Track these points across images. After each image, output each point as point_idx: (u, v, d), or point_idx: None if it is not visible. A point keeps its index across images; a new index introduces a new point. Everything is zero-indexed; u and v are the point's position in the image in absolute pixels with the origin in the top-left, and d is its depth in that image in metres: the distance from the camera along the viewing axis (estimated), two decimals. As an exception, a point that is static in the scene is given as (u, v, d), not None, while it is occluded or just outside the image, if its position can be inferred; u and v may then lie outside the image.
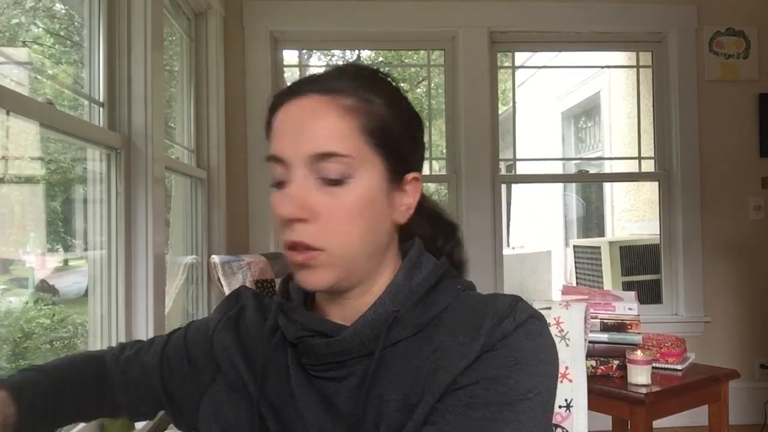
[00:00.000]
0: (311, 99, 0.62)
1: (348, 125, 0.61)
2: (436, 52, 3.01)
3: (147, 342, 0.82)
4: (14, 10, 1.54)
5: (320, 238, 0.61)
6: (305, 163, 0.61)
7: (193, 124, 2.44)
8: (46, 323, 1.62)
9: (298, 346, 0.66)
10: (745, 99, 2.89)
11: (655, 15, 2.86)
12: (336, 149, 0.60)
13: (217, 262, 2.10)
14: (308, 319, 0.66)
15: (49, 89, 1.56)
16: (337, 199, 0.61)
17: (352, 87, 0.63)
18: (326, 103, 0.62)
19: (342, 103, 0.62)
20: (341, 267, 0.62)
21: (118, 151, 1.62)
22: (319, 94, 0.62)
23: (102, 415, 0.80)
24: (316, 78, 0.64)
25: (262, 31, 2.71)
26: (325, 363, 0.64)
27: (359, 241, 0.62)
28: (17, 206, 1.57)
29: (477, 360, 0.57)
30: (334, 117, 0.61)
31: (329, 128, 0.61)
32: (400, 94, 0.68)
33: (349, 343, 0.63)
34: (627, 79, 4.17)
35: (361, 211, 0.61)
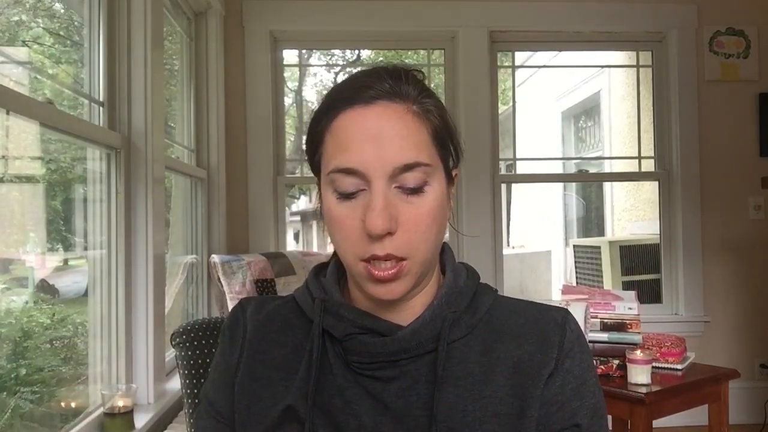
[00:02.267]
0: (382, 107, 0.60)
1: (421, 132, 0.61)
2: (436, 51, 3.01)
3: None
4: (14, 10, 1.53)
5: (405, 248, 0.60)
6: (389, 174, 0.59)
7: (193, 124, 2.44)
8: (46, 323, 1.62)
9: (344, 343, 0.64)
10: (745, 99, 2.89)
11: (655, 15, 2.86)
12: (421, 159, 0.59)
13: (217, 261, 2.10)
14: (359, 316, 0.65)
15: (48, 89, 1.56)
16: (417, 207, 0.60)
17: (416, 92, 0.62)
18: (400, 111, 0.60)
19: (413, 110, 0.61)
20: (418, 274, 0.62)
21: (118, 150, 1.62)
22: (389, 100, 0.60)
23: None
24: (381, 81, 0.61)
25: (262, 30, 2.71)
26: (376, 362, 0.63)
27: (434, 246, 0.63)
28: (17, 206, 1.57)
29: (556, 371, 0.63)
30: (411, 125, 0.60)
31: (411, 138, 0.60)
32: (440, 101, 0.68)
33: (407, 343, 0.63)
34: (627, 78, 4.17)
35: (436, 217, 0.61)
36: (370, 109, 0.60)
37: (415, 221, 0.60)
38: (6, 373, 1.40)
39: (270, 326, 0.71)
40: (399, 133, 0.59)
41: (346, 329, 0.64)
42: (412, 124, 0.60)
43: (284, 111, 3.02)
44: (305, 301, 0.70)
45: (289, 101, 4.70)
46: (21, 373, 1.44)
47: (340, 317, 0.65)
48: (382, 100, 0.60)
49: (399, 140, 0.59)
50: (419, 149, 0.60)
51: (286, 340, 0.69)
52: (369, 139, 0.59)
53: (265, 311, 0.73)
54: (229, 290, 2.07)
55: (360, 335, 0.64)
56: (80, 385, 1.62)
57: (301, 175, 3.06)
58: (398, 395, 0.63)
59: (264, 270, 2.15)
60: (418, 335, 0.63)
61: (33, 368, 1.50)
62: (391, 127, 0.59)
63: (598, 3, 2.85)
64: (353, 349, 0.64)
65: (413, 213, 0.60)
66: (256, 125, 2.70)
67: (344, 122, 0.60)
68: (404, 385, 0.63)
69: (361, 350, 0.64)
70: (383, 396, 0.63)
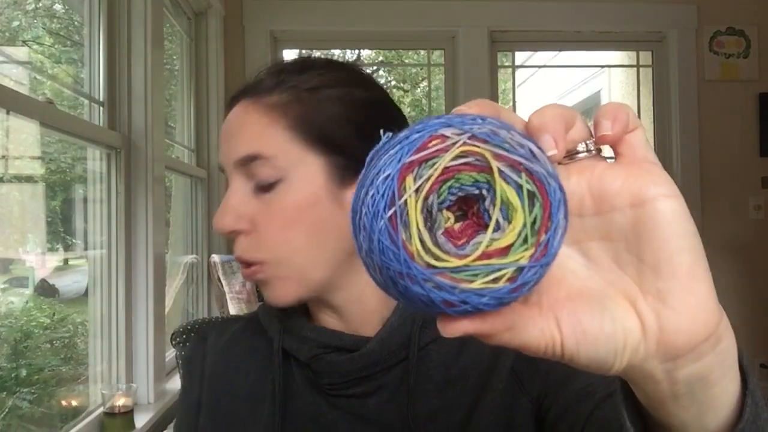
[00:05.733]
0: (240, 106, 0.59)
1: (272, 124, 0.56)
2: (436, 51, 3.01)
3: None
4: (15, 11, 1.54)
5: (257, 250, 0.57)
6: (237, 169, 0.58)
7: (193, 124, 2.44)
8: (46, 323, 1.63)
9: (311, 365, 0.60)
10: (745, 99, 2.89)
11: (655, 15, 2.86)
12: (259, 150, 0.56)
13: (218, 261, 2.10)
14: (322, 334, 0.60)
15: (48, 89, 1.56)
16: (270, 205, 0.56)
17: (274, 83, 0.58)
18: (251, 106, 0.58)
19: (266, 102, 0.57)
20: (298, 279, 0.57)
21: (118, 150, 1.62)
22: (246, 98, 0.59)
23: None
24: (247, 83, 0.61)
25: (262, 30, 2.71)
26: (348, 380, 0.59)
27: (306, 250, 0.56)
28: (17, 206, 1.57)
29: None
30: (257, 118, 0.57)
31: (252, 130, 0.57)
32: (344, 78, 0.59)
33: (378, 355, 0.58)
34: (627, 78, 4.17)
35: (297, 217, 0.56)
36: (232, 110, 0.60)
37: (266, 220, 0.56)
38: (6, 373, 1.40)
39: (232, 353, 0.67)
40: (242, 128, 0.58)
41: (310, 350, 0.59)
42: (260, 116, 0.57)
43: (284, 111, 3.01)
44: (267, 320, 0.65)
45: (289, 101, 4.69)
46: (21, 373, 1.44)
47: (303, 338, 0.60)
48: (240, 98, 0.60)
49: (242, 134, 0.58)
50: (263, 140, 0.56)
51: (249, 367, 0.65)
52: (224, 138, 0.60)
53: (226, 336, 0.69)
54: (229, 290, 2.07)
55: (326, 355, 0.59)
56: (80, 384, 1.62)
57: (301, 175, 3.05)
58: (378, 410, 0.59)
59: (264, 270, 2.15)
60: (387, 344, 0.58)
61: (33, 368, 1.50)
62: (239, 122, 0.59)
63: (598, 3, 2.84)
64: (321, 370, 0.59)
65: (266, 210, 0.56)
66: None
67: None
68: (382, 399, 0.59)
69: (331, 371, 0.59)
70: (363, 413, 0.59)
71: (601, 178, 0.29)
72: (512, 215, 0.26)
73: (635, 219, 0.28)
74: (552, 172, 0.26)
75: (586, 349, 0.28)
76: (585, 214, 0.30)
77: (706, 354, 0.29)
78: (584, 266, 0.30)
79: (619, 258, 0.29)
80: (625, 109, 0.30)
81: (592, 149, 0.30)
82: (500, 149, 0.26)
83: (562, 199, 0.26)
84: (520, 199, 0.26)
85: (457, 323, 0.27)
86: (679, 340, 0.28)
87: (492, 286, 0.25)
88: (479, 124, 0.26)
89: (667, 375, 0.29)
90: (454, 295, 0.25)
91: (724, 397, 0.31)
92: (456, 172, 0.26)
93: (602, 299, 0.29)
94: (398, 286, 0.26)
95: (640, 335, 0.28)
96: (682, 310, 0.28)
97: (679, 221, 0.28)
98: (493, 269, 0.25)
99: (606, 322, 0.28)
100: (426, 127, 0.26)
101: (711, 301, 0.29)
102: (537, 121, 0.28)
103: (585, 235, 0.30)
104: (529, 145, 0.26)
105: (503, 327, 0.28)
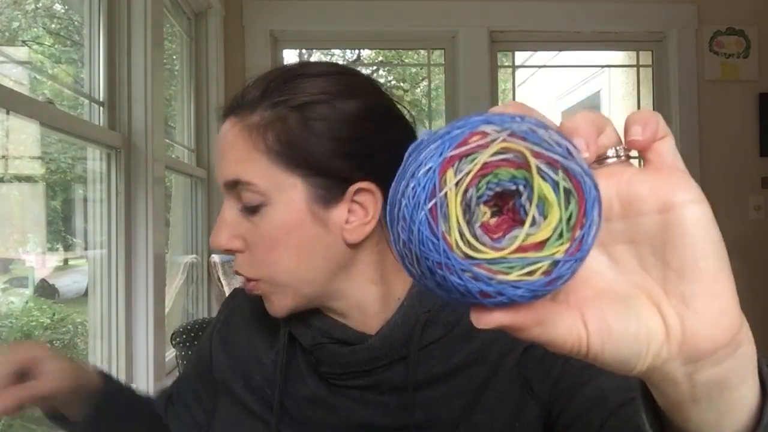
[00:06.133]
0: (228, 122, 0.60)
1: (252, 148, 0.56)
2: (436, 51, 3.01)
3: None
4: (15, 11, 1.54)
5: (252, 268, 0.59)
6: (227, 191, 0.59)
7: (193, 124, 2.44)
8: (46, 323, 1.63)
9: (314, 352, 0.62)
10: (745, 99, 2.89)
11: (655, 15, 2.86)
12: (241, 176, 0.56)
13: (218, 261, 2.10)
14: (327, 325, 0.62)
15: (48, 89, 1.56)
16: (257, 228, 0.58)
17: (257, 100, 0.57)
18: (236, 126, 0.58)
19: (248, 123, 0.57)
20: (292, 294, 0.59)
21: (118, 150, 1.62)
22: (233, 115, 0.59)
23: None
24: (235, 96, 0.60)
25: (262, 30, 2.71)
26: (348, 372, 0.61)
27: (294, 269, 0.58)
28: (17, 206, 1.57)
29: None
30: (240, 141, 0.57)
31: (234, 154, 0.57)
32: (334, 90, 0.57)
33: (378, 351, 0.59)
34: (627, 78, 4.17)
35: (282, 239, 0.57)
36: (223, 126, 0.60)
37: (255, 242, 0.58)
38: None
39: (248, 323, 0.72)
40: (226, 150, 0.59)
41: (314, 338, 0.62)
42: (243, 139, 0.57)
43: (284, 111, 3.01)
44: None
45: (289, 101, 4.69)
46: (21, 373, 1.44)
47: (309, 325, 0.63)
48: (230, 116, 0.59)
49: (227, 157, 0.58)
50: (245, 165, 0.56)
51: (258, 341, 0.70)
52: (215, 157, 0.61)
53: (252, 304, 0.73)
54: (229, 290, 2.07)
55: (329, 344, 0.61)
56: (80, 385, 1.62)
57: (301, 175, 3.05)
58: (376, 405, 0.60)
59: (264, 270, 2.15)
60: (389, 340, 0.59)
61: (33, 368, 1.50)
62: (225, 143, 0.59)
63: (598, 3, 2.84)
64: (323, 359, 0.62)
65: (254, 233, 0.58)
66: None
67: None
68: (381, 394, 0.60)
69: (332, 360, 0.61)
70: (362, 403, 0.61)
71: (630, 183, 0.30)
72: (548, 211, 0.27)
73: (662, 224, 0.29)
74: (587, 171, 0.27)
75: (610, 348, 0.28)
76: (612, 218, 0.30)
77: (727, 358, 0.29)
78: (610, 268, 0.31)
79: (645, 261, 0.30)
80: (655, 116, 0.31)
81: (621, 155, 0.31)
82: (538, 147, 0.27)
83: (597, 197, 0.27)
84: (556, 195, 0.27)
85: (490, 315, 0.27)
86: (701, 343, 0.28)
87: (527, 279, 0.26)
88: (518, 123, 0.27)
89: (688, 378, 0.29)
90: (491, 286, 0.26)
91: (743, 402, 0.31)
92: (495, 168, 0.27)
93: (628, 300, 0.29)
94: (436, 276, 0.27)
95: (663, 337, 0.29)
96: (705, 314, 0.28)
97: (705, 227, 0.29)
98: (528, 262, 0.26)
99: (631, 323, 0.29)
100: (467, 124, 0.27)
101: (734, 306, 0.30)
102: (569, 124, 0.29)
103: (612, 238, 0.31)
104: (566, 144, 0.27)
105: (534, 321, 0.28)
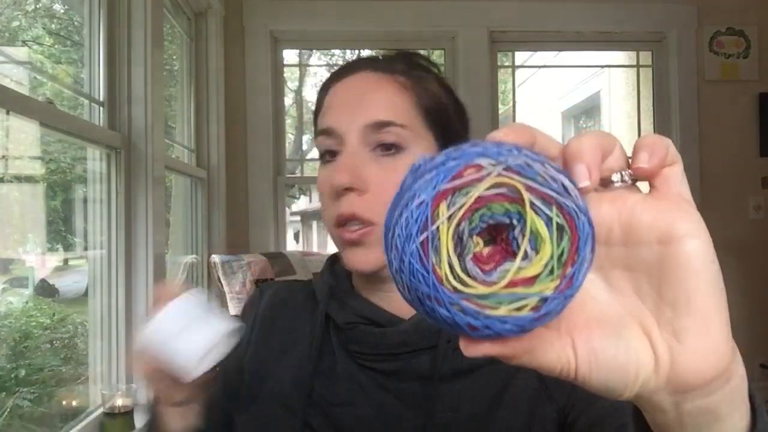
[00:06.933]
0: (367, 75, 0.63)
1: (404, 100, 0.62)
2: (436, 51, 3.01)
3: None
4: (15, 12, 1.54)
5: (373, 211, 0.58)
6: (360, 134, 0.60)
7: (193, 124, 2.44)
8: (45, 323, 1.63)
9: (346, 331, 0.64)
10: (745, 99, 2.89)
11: (655, 15, 2.86)
12: (393, 119, 0.60)
13: (217, 261, 2.10)
14: (362, 305, 0.64)
15: (48, 89, 1.56)
16: (390, 171, 0.59)
17: (406, 67, 0.65)
18: (382, 79, 0.63)
19: (398, 80, 0.63)
20: None
21: (119, 150, 1.62)
22: (375, 71, 0.64)
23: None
24: (370, 58, 0.66)
25: (262, 31, 2.71)
26: (377, 354, 0.62)
27: None
28: (17, 206, 1.57)
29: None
30: (390, 91, 0.62)
31: (386, 100, 0.61)
32: (442, 76, 0.68)
33: (408, 336, 0.61)
34: (627, 78, 4.17)
35: None
36: (351, 79, 0.63)
37: (384, 183, 0.58)
38: (6, 374, 1.40)
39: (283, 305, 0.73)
40: (374, 95, 0.61)
41: (347, 317, 0.63)
42: (393, 90, 0.62)
43: (284, 111, 3.02)
44: (318, 286, 0.70)
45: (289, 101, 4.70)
46: (21, 373, 1.44)
47: (344, 304, 0.65)
48: (365, 71, 0.63)
49: (375, 101, 0.61)
50: (396, 111, 0.61)
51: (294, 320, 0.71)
52: (345, 103, 0.62)
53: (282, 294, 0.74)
54: (229, 290, 2.07)
55: (361, 325, 0.63)
56: (80, 384, 1.62)
57: (301, 175, 3.06)
58: (401, 391, 0.61)
59: (264, 270, 2.15)
60: (420, 328, 0.61)
61: (33, 368, 1.50)
62: (369, 89, 0.62)
63: (598, 3, 2.84)
64: (354, 338, 0.63)
65: (384, 174, 0.59)
66: (256, 125, 2.70)
67: (334, 91, 0.64)
68: (404, 379, 0.61)
69: (362, 340, 0.62)
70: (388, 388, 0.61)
71: (632, 211, 0.30)
72: (540, 246, 0.26)
73: (661, 255, 0.29)
74: (582, 207, 0.27)
75: (598, 375, 0.29)
76: (612, 243, 0.30)
77: (716, 391, 0.29)
78: (605, 292, 0.31)
79: (640, 290, 0.30)
80: (665, 143, 0.30)
81: (627, 180, 0.31)
82: (533, 182, 0.26)
83: (591, 234, 0.27)
84: (549, 231, 0.26)
85: (479, 345, 0.28)
86: (689, 377, 0.28)
87: (515, 314, 0.26)
88: (514, 156, 0.27)
89: (675, 407, 0.29)
90: (479, 320, 0.26)
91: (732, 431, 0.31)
92: (488, 202, 0.27)
93: (619, 328, 0.29)
94: (425, 306, 0.27)
95: (651, 369, 0.29)
96: (696, 350, 0.28)
97: (703, 263, 0.29)
98: (517, 297, 0.26)
99: (620, 353, 0.29)
100: (463, 155, 0.27)
101: (725, 343, 0.29)
102: (575, 146, 0.29)
103: (610, 263, 0.31)
104: (562, 180, 0.27)
105: (523, 351, 0.28)
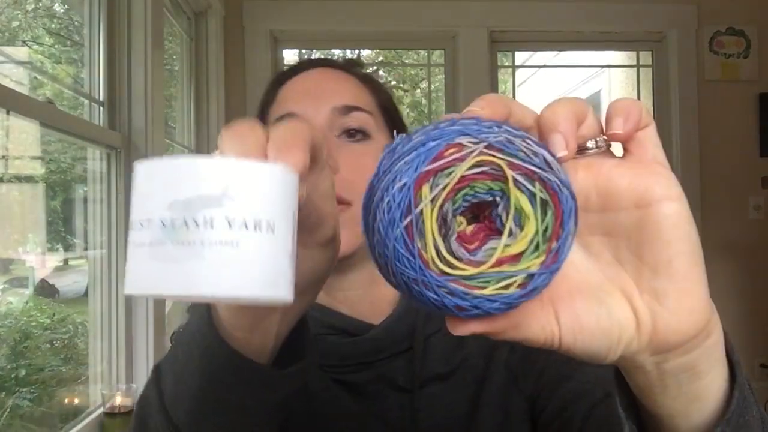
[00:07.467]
0: (324, 70, 0.64)
1: (364, 93, 0.63)
2: (436, 51, 3.01)
3: None
4: (15, 11, 1.54)
5: (347, 190, 0.56)
6: (327, 117, 0.59)
7: (193, 124, 2.44)
8: (46, 323, 1.63)
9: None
10: (745, 99, 2.89)
11: (655, 15, 2.86)
12: (362, 105, 0.61)
13: (217, 261, 2.10)
14: (326, 314, 0.59)
15: (49, 89, 1.56)
16: (357, 156, 0.58)
17: (351, 65, 0.67)
18: (341, 74, 0.64)
19: (357, 76, 0.65)
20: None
21: (118, 150, 1.62)
22: (332, 68, 0.65)
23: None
24: (324, 58, 0.70)
25: (262, 30, 2.71)
26: (350, 365, 0.57)
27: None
28: (17, 206, 1.57)
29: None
30: (352, 82, 0.64)
31: (350, 89, 0.63)
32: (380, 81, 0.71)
33: (381, 342, 0.57)
34: (627, 78, 4.17)
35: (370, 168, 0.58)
36: (309, 73, 0.64)
37: (356, 164, 0.57)
38: (6, 373, 1.40)
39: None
40: (337, 84, 0.62)
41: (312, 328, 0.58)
42: (354, 82, 0.64)
43: (284, 111, 3.01)
44: None
45: (289, 101, 4.69)
46: (21, 373, 1.44)
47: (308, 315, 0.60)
48: (321, 67, 0.65)
49: (337, 88, 0.62)
50: (361, 99, 0.62)
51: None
52: (307, 91, 0.62)
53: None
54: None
55: (329, 336, 0.58)
56: (80, 384, 1.62)
57: (301, 175, 3.05)
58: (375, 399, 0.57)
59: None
60: (392, 332, 0.58)
61: (33, 368, 1.50)
62: (331, 79, 0.63)
63: (598, 3, 2.84)
64: (323, 351, 0.58)
65: (354, 159, 0.58)
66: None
67: (291, 84, 0.64)
68: (380, 388, 0.57)
69: (330, 352, 0.58)
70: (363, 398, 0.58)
71: (609, 176, 0.29)
72: (525, 223, 0.26)
73: (639, 219, 0.29)
74: (565, 181, 0.27)
75: (582, 342, 0.29)
76: (590, 210, 0.30)
77: (695, 348, 0.30)
78: (585, 259, 0.31)
79: (620, 255, 0.30)
80: (637, 106, 0.30)
81: (602, 146, 0.30)
82: (515, 158, 0.26)
83: (574, 207, 0.27)
84: (533, 207, 0.26)
85: (466, 324, 0.28)
86: (671, 337, 0.29)
87: (503, 293, 0.26)
88: (495, 133, 0.26)
89: (656, 366, 0.30)
90: (467, 300, 0.26)
91: (712, 389, 0.32)
92: (471, 181, 0.26)
93: (600, 294, 0.30)
94: (412, 290, 0.27)
95: (633, 331, 0.29)
96: (676, 310, 0.29)
97: (681, 225, 0.29)
98: (504, 276, 0.26)
99: (602, 318, 0.29)
100: (443, 135, 0.27)
101: (704, 301, 0.30)
102: (549, 116, 0.29)
103: (588, 229, 0.30)
104: (544, 154, 0.27)
105: (509, 326, 0.28)
